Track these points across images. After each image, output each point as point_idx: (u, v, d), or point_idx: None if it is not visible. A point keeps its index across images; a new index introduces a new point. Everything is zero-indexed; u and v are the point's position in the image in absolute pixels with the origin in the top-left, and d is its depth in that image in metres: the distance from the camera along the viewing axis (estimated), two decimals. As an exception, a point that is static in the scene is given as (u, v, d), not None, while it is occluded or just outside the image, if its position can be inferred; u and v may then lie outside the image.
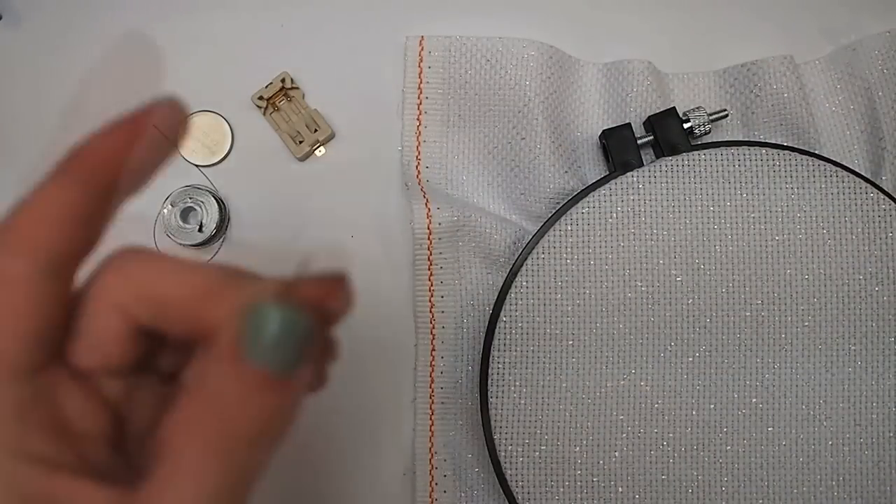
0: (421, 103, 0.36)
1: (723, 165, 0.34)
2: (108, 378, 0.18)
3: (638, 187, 0.33)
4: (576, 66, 0.37)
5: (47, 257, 0.16)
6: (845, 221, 0.33)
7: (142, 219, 0.36)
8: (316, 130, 0.37)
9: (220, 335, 0.16)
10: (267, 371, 0.16)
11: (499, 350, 0.32)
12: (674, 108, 0.35)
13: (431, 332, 0.35)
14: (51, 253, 0.16)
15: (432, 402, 0.34)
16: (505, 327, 0.33)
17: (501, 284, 0.33)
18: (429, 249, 0.35)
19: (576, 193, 0.34)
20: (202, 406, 0.16)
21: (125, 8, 0.38)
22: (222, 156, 0.37)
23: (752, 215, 0.33)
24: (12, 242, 0.16)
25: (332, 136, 0.37)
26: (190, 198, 0.36)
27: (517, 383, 0.32)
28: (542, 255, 0.33)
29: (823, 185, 0.33)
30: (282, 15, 0.38)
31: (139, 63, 0.38)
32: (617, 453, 0.32)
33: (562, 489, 0.32)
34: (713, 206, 0.33)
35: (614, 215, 0.33)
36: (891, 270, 0.33)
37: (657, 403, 0.32)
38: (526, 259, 0.33)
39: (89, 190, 0.17)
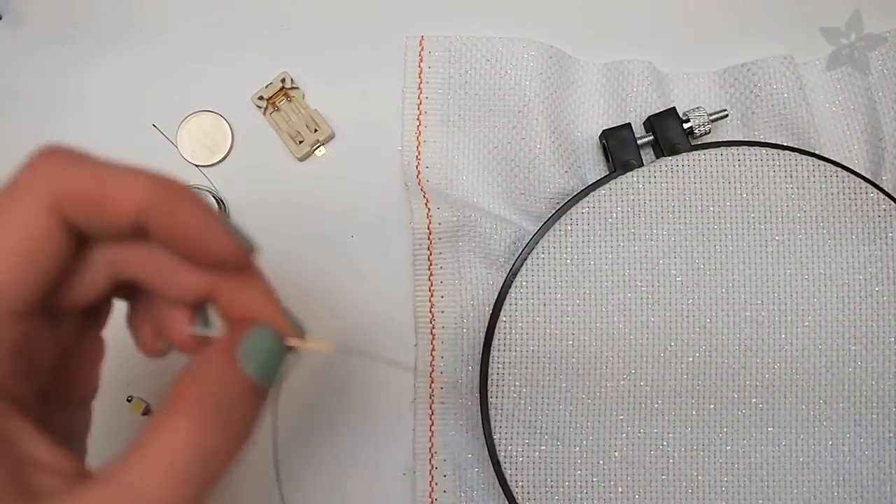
0: (421, 103, 0.36)
1: (723, 165, 0.34)
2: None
3: (638, 187, 0.33)
4: (576, 66, 0.37)
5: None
6: (845, 221, 0.33)
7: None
8: (316, 130, 0.37)
9: (224, 337, 0.19)
10: (255, 382, 0.18)
11: (499, 350, 0.32)
12: (674, 108, 0.35)
13: (431, 332, 0.35)
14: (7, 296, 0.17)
15: (432, 402, 0.34)
16: (505, 327, 0.33)
17: (501, 284, 0.33)
18: (429, 249, 0.35)
19: (576, 193, 0.34)
20: (201, 389, 0.18)
21: (125, 8, 0.38)
22: (222, 156, 0.37)
23: (752, 215, 0.33)
24: None
25: (332, 136, 0.37)
26: (190, 198, 0.36)
27: (517, 383, 0.32)
28: (542, 255, 0.33)
29: (823, 185, 0.33)
30: (282, 15, 0.38)
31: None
32: (617, 453, 0.32)
33: (562, 489, 0.32)
34: (713, 206, 0.33)
35: (614, 215, 0.33)
36: (891, 270, 0.33)
37: (657, 403, 0.32)
38: (526, 259, 0.33)
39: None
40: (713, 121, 0.35)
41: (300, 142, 0.36)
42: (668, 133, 0.34)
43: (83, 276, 0.19)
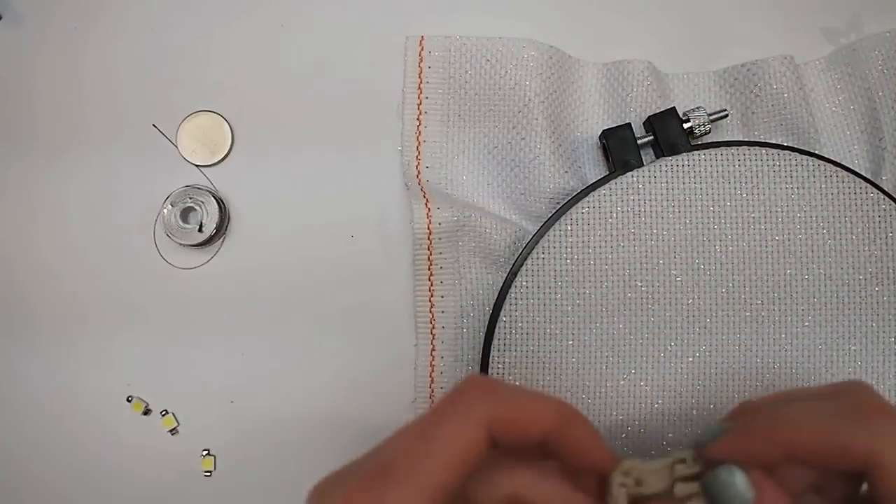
0: (421, 103, 0.36)
1: (723, 165, 0.34)
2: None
3: (638, 187, 0.33)
4: (576, 66, 0.37)
5: (436, 496, 0.20)
6: (845, 221, 0.33)
7: (142, 219, 0.36)
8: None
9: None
10: None
11: (499, 350, 0.32)
12: (674, 108, 0.35)
13: (431, 332, 0.35)
14: (441, 491, 0.20)
15: (432, 403, 0.34)
16: (505, 327, 0.33)
17: (501, 284, 0.33)
18: (429, 249, 0.35)
19: (576, 193, 0.34)
20: None
21: (125, 9, 0.38)
22: (222, 156, 0.37)
23: (752, 215, 0.33)
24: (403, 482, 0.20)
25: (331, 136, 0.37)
26: (190, 198, 0.36)
27: (517, 383, 0.32)
28: (542, 255, 0.33)
29: (823, 185, 0.33)
30: (282, 15, 0.38)
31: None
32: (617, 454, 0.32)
33: (562, 489, 0.32)
34: (713, 206, 0.33)
35: (614, 215, 0.33)
36: (891, 270, 0.33)
37: (657, 403, 0.32)
38: (526, 259, 0.33)
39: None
40: (713, 121, 0.35)
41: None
42: (668, 133, 0.34)
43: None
